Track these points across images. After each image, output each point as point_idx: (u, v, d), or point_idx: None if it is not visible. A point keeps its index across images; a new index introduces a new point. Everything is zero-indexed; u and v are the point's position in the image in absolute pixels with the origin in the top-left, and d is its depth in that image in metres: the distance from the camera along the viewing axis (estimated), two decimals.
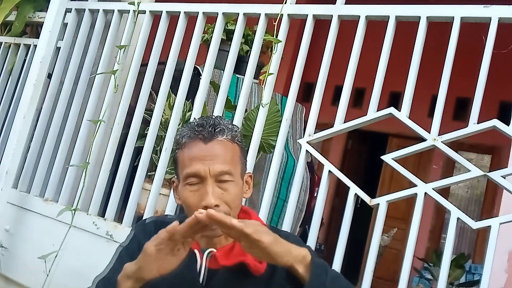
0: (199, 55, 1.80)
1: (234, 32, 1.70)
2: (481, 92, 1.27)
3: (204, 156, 0.98)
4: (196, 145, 0.99)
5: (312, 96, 1.55)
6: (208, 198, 0.96)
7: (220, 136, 1.00)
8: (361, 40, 1.48)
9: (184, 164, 1.00)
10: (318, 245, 2.17)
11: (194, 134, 1.00)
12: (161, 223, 1.11)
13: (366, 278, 1.32)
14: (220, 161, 0.98)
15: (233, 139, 1.03)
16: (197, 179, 0.98)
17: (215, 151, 0.99)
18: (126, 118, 1.88)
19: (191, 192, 0.99)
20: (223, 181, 0.99)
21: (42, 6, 2.34)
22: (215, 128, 1.00)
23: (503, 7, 1.28)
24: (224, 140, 1.01)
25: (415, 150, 1.34)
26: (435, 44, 2.22)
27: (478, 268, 4.02)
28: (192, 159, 0.98)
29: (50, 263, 1.76)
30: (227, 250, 1.03)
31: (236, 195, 1.01)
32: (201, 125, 1.01)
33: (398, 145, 4.87)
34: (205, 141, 0.99)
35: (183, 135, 1.02)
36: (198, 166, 0.97)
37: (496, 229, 1.19)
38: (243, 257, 0.99)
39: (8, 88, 2.42)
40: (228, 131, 1.02)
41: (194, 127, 1.01)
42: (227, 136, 1.01)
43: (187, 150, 1.01)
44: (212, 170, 0.97)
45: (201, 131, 1.00)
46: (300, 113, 2.70)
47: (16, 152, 2.05)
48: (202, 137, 0.99)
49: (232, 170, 1.00)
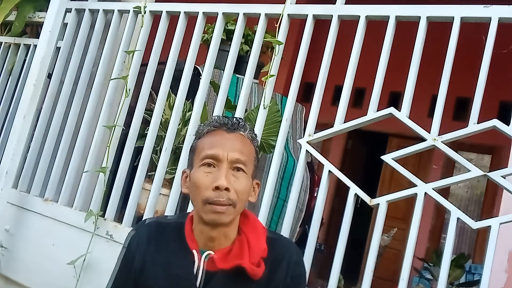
0: (199, 55, 1.80)
1: (234, 32, 1.70)
2: (481, 92, 1.27)
3: (225, 143, 1.03)
4: (220, 133, 1.05)
5: (312, 96, 1.55)
6: (221, 179, 0.98)
7: (242, 131, 1.06)
8: (361, 40, 1.48)
9: (203, 148, 1.04)
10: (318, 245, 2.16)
11: (219, 124, 1.06)
12: (160, 224, 1.11)
13: (366, 278, 1.32)
14: (238, 150, 1.02)
15: (252, 139, 1.08)
16: (213, 162, 1.01)
17: (235, 141, 1.04)
18: (126, 118, 1.88)
19: (205, 173, 1.01)
20: (237, 169, 1.02)
21: (42, 6, 2.34)
22: (239, 122, 1.07)
23: (503, 7, 1.28)
24: (245, 136, 1.07)
25: (415, 150, 1.34)
26: (435, 44, 2.22)
27: (478, 268, 4.02)
28: (213, 143, 1.03)
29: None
30: (225, 253, 1.03)
31: (246, 187, 1.03)
32: (227, 120, 1.07)
33: (398, 145, 4.87)
34: (229, 131, 1.05)
35: (207, 125, 1.08)
36: (218, 149, 1.01)
37: (496, 229, 1.19)
38: (239, 261, 0.99)
39: (8, 88, 2.42)
40: (249, 131, 1.08)
41: (219, 119, 1.07)
42: (248, 134, 1.08)
43: (208, 137, 1.05)
44: (230, 156, 1.01)
45: (226, 123, 1.06)
46: (300, 113, 2.70)
47: (16, 152, 2.06)
48: (226, 128, 1.05)
49: (247, 162, 1.04)
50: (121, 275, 1.10)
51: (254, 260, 1.00)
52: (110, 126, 1.85)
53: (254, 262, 1.00)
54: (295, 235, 2.47)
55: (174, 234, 1.08)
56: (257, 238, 1.05)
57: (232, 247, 1.03)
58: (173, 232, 1.08)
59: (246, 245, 1.03)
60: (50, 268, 1.84)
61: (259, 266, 1.00)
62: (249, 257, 1.00)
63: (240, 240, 1.04)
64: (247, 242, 1.03)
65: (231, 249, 1.03)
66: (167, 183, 1.85)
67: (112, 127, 1.84)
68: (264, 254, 1.03)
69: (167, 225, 1.11)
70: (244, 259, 0.99)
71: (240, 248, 1.03)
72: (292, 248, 1.09)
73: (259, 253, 1.02)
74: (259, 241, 1.04)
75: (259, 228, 1.08)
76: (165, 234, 1.09)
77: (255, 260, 1.00)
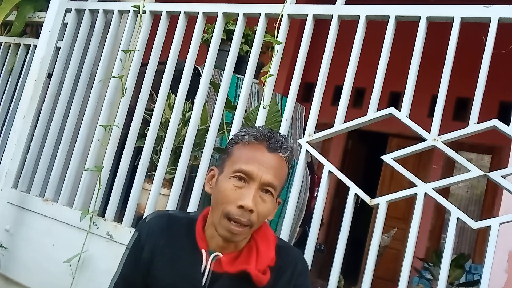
0: (199, 55, 1.80)
1: (234, 32, 1.70)
2: (481, 92, 1.27)
3: (263, 162, 1.00)
4: (260, 149, 1.02)
5: (312, 96, 1.55)
6: (248, 199, 0.97)
7: (282, 152, 1.04)
8: (361, 40, 1.48)
9: (239, 159, 1.02)
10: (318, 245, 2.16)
11: (262, 138, 1.03)
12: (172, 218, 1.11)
13: (366, 278, 1.32)
14: (273, 173, 1.00)
15: (288, 161, 1.06)
16: (245, 178, 0.99)
17: (273, 163, 1.01)
18: (126, 118, 1.88)
19: (234, 186, 0.99)
20: (266, 191, 1.00)
21: (42, 6, 2.34)
22: (282, 144, 1.04)
23: (503, 7, 1.28)
24: (283, 158, 1.04)
25: (415, 150, 1.33)
26: (435, 44, 2.22)
27: (478, 268, 4.02)
28: (250, 159, 1.01)
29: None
30: (233, 257, 1.03)
31: (269, 211, 1.02)
32: (270, 135, 1.04)
33: (398, 145, 4.87)
34: (269, 150, 1.02)
35: (251, 133, 1.05)
36: (254, 167, 0.99)
37: (496, 229, 1.19)
38: (246, 266, 0.99)
39: (8, 88, 2.42)
40: (289, 153, 1.06)
41: (265, 133, 1.04)
42: (287, 156, 1.05)
43: (249, 148, 1.03)
44: (264, 178, 0.99)
45: (269, 139, 1.03)
46: (300, 113, 2.70)
47: (16, 152, 2.06)
48: (267, 145, 1.02)
49: (277, 186, 1.02)
50: (129, 264, 1.09)
51: (261, 267, 1.00)
52: (106, 126, 1.85)
53: (260, 269, 1.00)
54: (295, 235, 2.47)
55: (185, 230, 1.08)
56: (267, 246, 1.05)
57: (241, 252, 1.04)
58: (184, 228, 1.08)
59: (255, 251, 1.03)
60: (50, 268, 1.84)
61: (265, 274, 1.00)
62: (256, 264, 1.00)
63: (249, 246, 1.05)
64: (257, 249, 1.03)
65: (240, 254, 1.04)
66: (167, 183, 1.85)
67: (109, 127, 1.84)
68: (271, 263, 1.03)
69: (179, 220, 1.11)
70: (251, 265, 0.99)
71: (249, 254, 1.03)
72: (299, 259, 1.10)
73: (267, 261, 1.02)
74: (269, 249, 1.04)
75: (270, 236, 1.08)
76: (176, 228, 1.08)
77: (262, 267, 1.00)
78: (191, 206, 1.60)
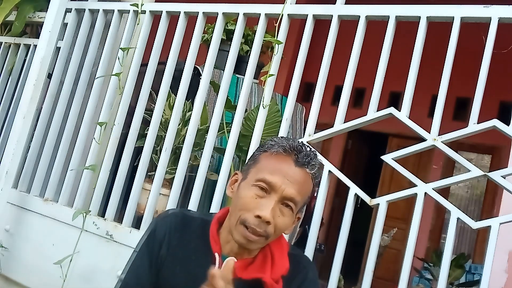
0: (199, 55, 1.80)
1: (234, 32, 1.70)
2: (481, 92, 1.27)
3: (288, 175, 0.98)
4: (287, 161, 1.00)
5: (312, 96, 1.55)
6: (266, 210, 0.95)
7: (309, 169, 1.01)
8: (361, 40, 1.48)
9: (265, 168, 1.00)
10: (318, 245, 2.16)
11: (291, 151, 1.01)
12: (186, 217, 1.10)
13: (366, 278, 1.32)
14: (297, 188, 0.98)
15: (314, 178, 1.04)
16: (267, 188, 0.98)
17: (298, 178, 0.99)
18: (126, 118, 1.88)
19: (255, 194, 0.98)
20: (286, 205, 0.99)
21: (42, 6, 2.34)
22: (310, 160, 1.02)
23: (503, 7, 1.28)
24: (309, 175, 1.02)
25: (415, 150, 1.33)
26: (435, 44, 2.22)
27: (478, 268, 4.02)
28: (276, 170, 0.99)
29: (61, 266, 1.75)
30: (247, 263, 1.02)
31: (287, 225, 1.00)
32: (300, 148, 1.02)
33: (398, 145, 4.87)
34: (297, 164, 1.00)
35: (280, 144, 1.02)
36: (278, 179, 0.97)
37: (496, 229, 1.19)
38: (261, 274, 0.98)
39: (8, 88, 2.42)
40: (316, 169, 1.03)
41: (294, 146, 1.02)
42: (314, 173, 1.02)
43: (276, 159, 1.01)
44: (286, 191, 0.97)
45: (298, 153, 1.01)
46: (300, 113, 2.70)
47: (16, 152, 2.05)
48: (295, 158, 1.00)
49: (299, 202, 1.00)
50: (142, 261, 1.07)
51: (275, 277, 0.99)
52: (102, 123, 1.84)
53: (275, 278, 0.99)
54: (295, 235, 2.47)
55: (199, 231, 1.07)
56: (282, 255, 1.04)
57: (254, 259, 1.03)
58: (198, 229, 1.07)
59: (269, 259, 1.02)
60: (50, 268, 1.83)
61: (278, 283, 0.99)
62: (271, 273, 0.99)
63: (264, 254, 1.03)
64: (272, 257, 1.02)
65: (253, 260, 1.02)
66: (167, 183, 1.85)
67: (105, 124, 1.83)
68: (286, 272, 1.02)
69: (193, 220, 1.09)
70: (266, 274, 0.98)
71: (263, 261, 1.02)
72: (310, 267, 1.09)
73: (281, 270, 1.01)
74: (283, 258, 1.03)
75: (284, 245, 1.07)
76: (189, 228, 1.07)
77: (277, 276, 0.99)
78: (191, 206, 1.60)
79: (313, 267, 1.10)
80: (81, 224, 1.78)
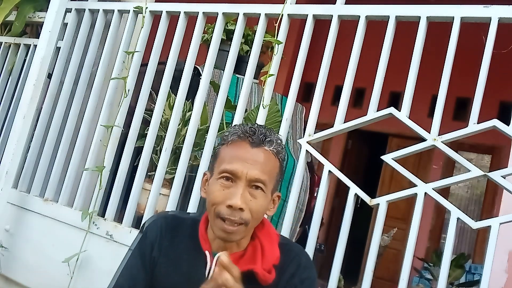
0: (199, 55, 1.80)
1: (234, 32, 1.70)
2: (481, 92, 1.27)
3: (247, 158, 0.98)
4: (243, 146, 1.00)
5: (312, 96, 1.55)
6: (235, 198, 0.95)
7: (267, 146, 1.01)
8: (361, 40, 1.48)
9: (224, 160, 1.01)
10: (318, 245, 2.16)
11: (244, 135, 1.01)
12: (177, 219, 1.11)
13: (366, 278, 1.32)
14: (260, 168, 0.98)
15: (277, 153, 1.03)
16: (231, 177, 0.98)
17: (258, 158, 0.99)
18: (126, 118, 1.88)
19: (221, 187, 0.98)
20: (256, 188, 0.99)
21: (42, 6, 2.34)
22: (265, 137, 1.01)
23: (503, 7, 1.28)
24: (269, 151, 1.01)
25: (415, 150, 1.34)
26: (435, 44, 2.22)
27: (478, 268, 4.02)
28: (234, 157, 0.99)
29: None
30: (237, 257, 1.02)
31: (262, 206, 1.00)
32: (253, 130, 1.02)
33: (398, 145, 4.87)
34: (253, 145, 1.00)
35: (233, 133, 1.03)
36: (237, 165, 0.98)
37: (496, 229, 1.19)
38: (252, 265, 0.99)
39: (8, 88, 2.42)
40: (275, 145, 1.02)
41: (246, 129, 1.02)
42: (274, 148, 1.02)
43: (232, 147, 1.01)
44: (250, 174, 0.97)
45: (251, 135, 1.01)
46: (300, 113, 2.70)
47: (16, 152, 2.05)
48: (251, 140, 1.00)
49: (267, 181, 1.00)
50: (135, 262, 1.08)
51: (267, 267, 1.00)
52: (109, 126, 1.85)
53: (266, 268, 0.99)
54: (295, 235, 2.47)
55: (188, 231, 1.07)
56: (271, 245, 1.04)
57: (245, 251, 1.03)
58: (188, 229, 1.08)
59: (259, 250, 1.02)
60: (50, 268, 1.84)
61: (270, 273, 0.99)
62: (262, 263, 1.00)
63: (253, 245, 1.04)
64: (261, 248, 1.03)
65: (244, 253, 1.03)
66: (167, 183, 1.85)
67: (110, 127, 1.84)
68: (277, 261, 1.02)
69: (183, 221, 1.10)
70: (257, 265, 0.99)
71: (253, 253, 1.02)
72: (302, 254, 1.10)
73: (272, 260, 1.01)
74: (273, 248, 1.04)
75: (273, 235, 1.08)
76: (180, 229, 1.08)
77: (268, 266, 1.00)
78: (191, 206, 1.60)
79: (305, 254, 1.11)
80: (81, 224, 1.78)
